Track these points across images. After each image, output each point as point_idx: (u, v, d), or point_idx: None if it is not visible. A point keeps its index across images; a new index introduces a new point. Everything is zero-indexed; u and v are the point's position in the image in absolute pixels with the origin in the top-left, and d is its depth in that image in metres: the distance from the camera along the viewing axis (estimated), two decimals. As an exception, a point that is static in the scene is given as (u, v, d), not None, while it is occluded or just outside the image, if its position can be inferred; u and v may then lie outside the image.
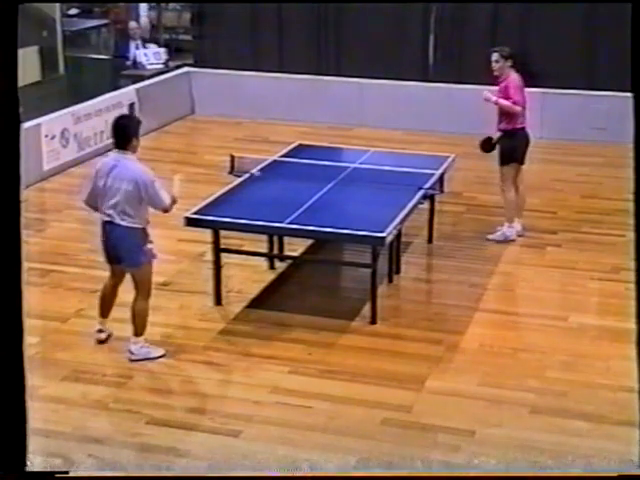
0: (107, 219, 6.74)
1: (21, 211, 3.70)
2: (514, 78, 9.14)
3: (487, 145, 9.33)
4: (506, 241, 9.21)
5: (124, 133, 6.73)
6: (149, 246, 6.80)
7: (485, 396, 6.45)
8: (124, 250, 6.76)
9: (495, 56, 9.13)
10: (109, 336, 7.15)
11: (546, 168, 11.74)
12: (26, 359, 3.56)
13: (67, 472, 5.01)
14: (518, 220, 9.33)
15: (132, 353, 6.87)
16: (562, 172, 11.61)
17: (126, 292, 7.45)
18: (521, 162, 9.28)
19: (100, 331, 7.13)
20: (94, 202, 6.91)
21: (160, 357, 6.91)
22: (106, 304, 7.11)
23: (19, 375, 3.74)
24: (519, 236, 9.29)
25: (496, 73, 9.18)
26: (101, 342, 7.10)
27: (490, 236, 9.27)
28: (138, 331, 6.89)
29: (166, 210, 6.80)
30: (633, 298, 4.23)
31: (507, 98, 9.04)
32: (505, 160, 9.21)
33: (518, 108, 9.03)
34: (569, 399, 6.42)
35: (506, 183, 9.25)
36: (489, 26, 13.23)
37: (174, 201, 6.84)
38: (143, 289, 6.84)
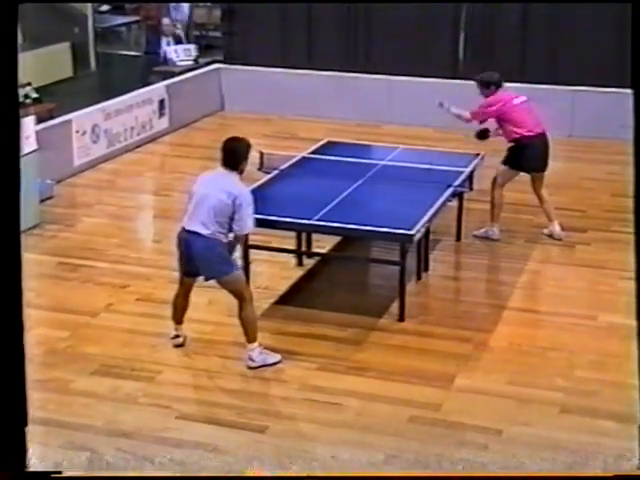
0: (193, 229, 6.59)
1: (20, 211, 3.71)
2: (495, 96, 9.17)
3: (483, 134, 9.41)
4: (492, 240, 9.18)
5: (233, 156, 6.68)
6: (233, 256, 6.82)
7: (513, 395, 6.44)
8: (209, 262, 6.65)
9: (477, 84, 9.27)
10: (185, 339, 7.12)
11: (576, 166, 11.69)
12: (56, 352, 3.58)
13: (60, 472, 5.02)
14: (556, 221, 9.29)
15: (252, 360, 6.75)
16: (592, 170, 11.55)
17: (156, 288, 7.52)
18: (537, 170, 9.29)
19: (176, 336, 7.08)
20: None
21: (277, 363, 6.82)
22: (178, 311, 7.04)
23: (19, 372, 3.75)
24: (558, 239, 9.22)
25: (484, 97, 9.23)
26: (178, 346, 7.05)
27: (477, 232, 9.32)
28: (250, 337, 6.77)
29: (243, 238, 6.83)
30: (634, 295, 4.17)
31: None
32: (508, 162, 9.23)
33: (466, 115, 9.20)
34: (598, 399, 6.39)
35: (498, 181, 9.25)
36: (519, 24, 13.18)
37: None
38: (241, 295, 6.74)
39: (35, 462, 4.91)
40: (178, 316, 7.07)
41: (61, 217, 9.72)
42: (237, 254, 6.97)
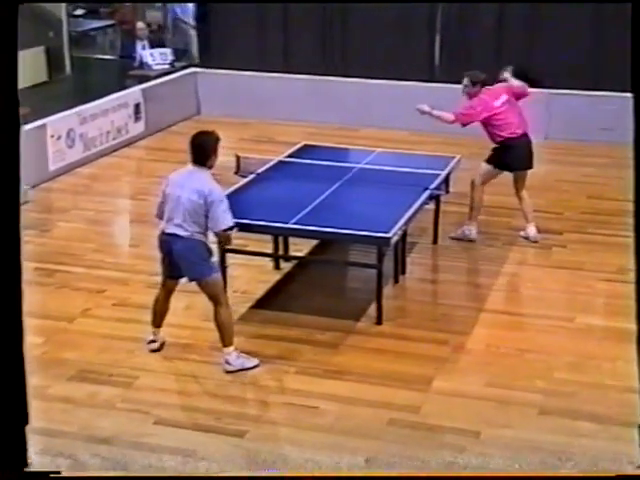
0: (171, 231, 6.58)
1: (20, 211, 3.69)
2: (479, 99, 9.18)
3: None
4: (469, 241, 9.22)
5: (202, 151, 6.62)
6: (213, 258, 6.78)
7: (492, 397, 6.45)
8: (189, 262, 6.63)
9: (465, 81, 9.21)
10: (162, 344, 7.08)
11: (552, 169, 11.73)
12: (33, 358, 3.58)
13: (59, 472, 4.99)
14: (533, 224, 9.32)
15: (229, 364, 6.72)
16: (568, 173, 11.60)
17: (133, 293, 7.48)
18: (522, 168, 9.31)
19: (152, 341, 7.05)
20: (162, 213, 6.78)
21: (255, 367, 6.78)
22: (158, 315, 7.01)
23: (19, 373, 3.74)
24: (534, 242, 9.25)
25: (465, 96, 9.22)
26: (154, 351, 7.01)
27: (452, 234, 9.33)
28: (227, 341, 6.74)
29: (224, 236, 6.66)
30: (633, 298, 4.21)
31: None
32: (493, 162, 9.26)
33: (448, 117, 9.13)
34: (577, 400, 6.41)
35: (478, 181, 9.28)
36: (495, 26, 13.24)
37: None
38: (218, 298, 6.72)
39: (35, 462, 4.89)
40: (158, 320, 7.04)
41: (37, 222, 9.65)
42: (215, 258, 6.92)
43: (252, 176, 8.68)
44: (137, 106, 12.94)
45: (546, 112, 12.87)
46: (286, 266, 8.62)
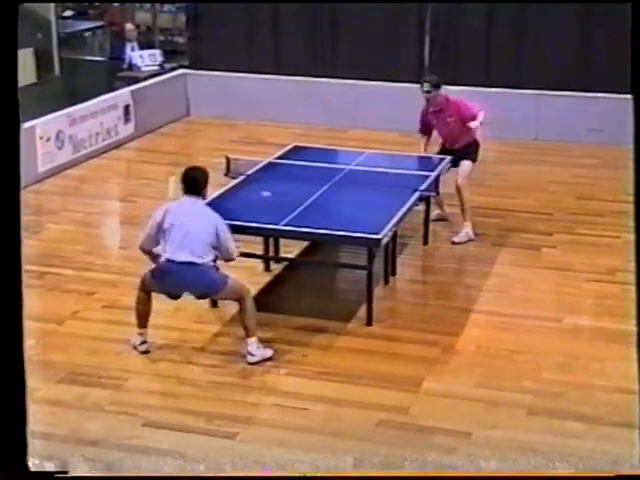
0: (185, 260, 6.71)
1: (21, 212, 3.69)
2: (453, 99, 9.28)
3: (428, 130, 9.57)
4: (470, 241, 9.25)
5: (196, 184, 6.94)
6: (220, 271, 6.95)
7: (481, 398, 6.46)
8: (205, 287, 6.89)
9: (427, 87, 9.20)
10: (148, 345, 7.09)
11: (541, 169, 11.78)
12: (26, 359, 3.59)
13: (66, 472, 5.00)
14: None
15: (252, 355, 6.86)
16: (557, 173, 11.62)
17: (123, 295, 7.48)
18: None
19: (143, 342, 7.05)
20: (152, 245, 6.93)
21: (271, 358, 6.93)
22: (142, 315, 7.03)
23: (19, 375, 3.74)
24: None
25: (429, 101, 9.26)
26: (145, 352, 7.02)
27: (456, 239, 9.28)
28: (250, 332, 6.89)
29: (231, 260, 7.01)
30: (629, 299, 4.23)
31: (465, 116, 9.15)
32: (472, 158, 9.36)
33: (482, 116, 9.13)
34: (565, 400, 6.43)
35: (465, 182, 9.34)
36: (484, 27, 13.26)
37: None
38: (240, 296, 6.92)
39: (36, 462, 4.88)
40: (143, 321, 7.05)
41: (26, 224, 9.48)
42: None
43: (242, 177, 8.68)
44: (126, 108, 12.93)
45: (535, 113, 12.93)
46: (276, 268, 8.62)
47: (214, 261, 6.87)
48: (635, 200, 3.78)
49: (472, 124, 9.10)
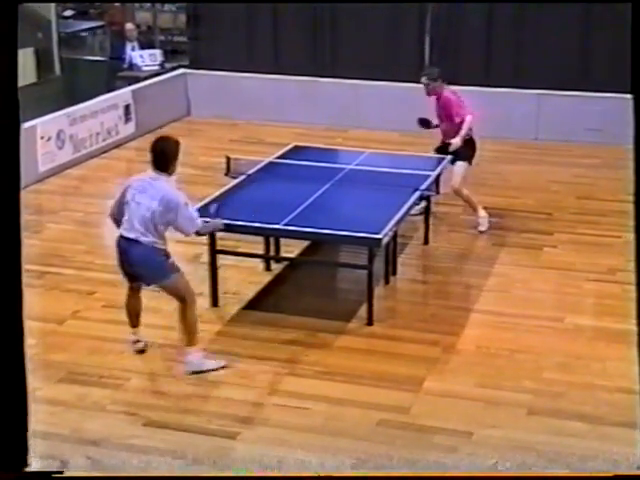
0: (132, 236, 6.56)
1: (21, 212, 3.69)
2: (448, 94, 9.38)
3: (426, 123, 9.70)
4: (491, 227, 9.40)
5: (163, 157, 6.59)
6: (170, 260, 6.70)
7: (482, 397, 6.46)
8: (148, 269, 6.65)
9: (424, 80, 9.37)
10: (146, 344, 7.06)
11: (541, 169, 11.77)
12: (27, 359, 3.60)
13: (62, 472, 5.00)
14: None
15: (190, 364, 6.70)
16: (557, 173, 11.62)
17: (123, 295, 7.44)
18: (470, 163, 9.49)
19: (137, 341, 7.03)
20: (119, 215, 6.74)
21: (221, 368, 6.73)
22: (133, 314, 6.99)
23: (20, 375, 3.74)
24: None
25: (429, 94, 9.42)
26: (141, 351, 7.00)
27: (482, 228, 9.41)
28: (190, 342, 6.71)
29: (200, 233, 6.90)
30: (630, 299, 4.23)
31: (450, 114, 9.29)
32: (467, 158, 9.39)
33: (470, 119, 9.22)
34: (566, 400, 6.42)
35: (461, 183, 9.38)
36: (484, 27, 13.26)
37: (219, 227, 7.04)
38: (182, 297, 6.69)
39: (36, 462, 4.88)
40: (134, 320, 7.02)
41: (26, 224, 9.48)
42: (173, 258, 6.74)
43: (242, 177, 8.68)
44: (127, 107, 12.93)
45: (535, 112, 12.92)
46: (277, 267, 8.62)
47: (163, 242, 6.60)
48: (635, 199, 3.79)
49: (452, 140, 9.22)
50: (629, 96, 3.81)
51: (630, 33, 3.78)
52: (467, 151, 9.39)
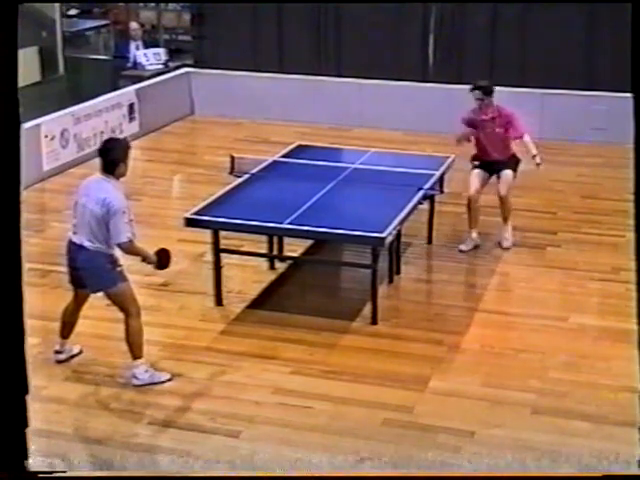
0: (77, 241, 6.41)
1: (21, 211, 3.69)
2: (505, 108, 9.18)
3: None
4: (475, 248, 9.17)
5: (110, 158, 6.40)
6: (118, 269, 6.50)
7: (486, 397, 6.45)
8: (91, 274, 6.45)
9: (478, 94, 9.04)
10: (71, 357, 6.91)
11: (545, 168, 11.66)
12: (28, 358, 3.60)
13: (65, 471, 5.00)
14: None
15: (136, 378, 6.55)
16: (562, 172, 11.61)
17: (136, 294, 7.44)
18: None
19: (58, 352, 6.86)
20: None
21: (167, 381, 6.61)
22: (67, 326, 6.84)
23: (20, 374, 3.74)
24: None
25: (482, 108, 9.08)
26: (60, 362, 6.85)
27: (506, 244, 9.17)
28: (135, 353, 6.53)
29: (126, 248, 6.36)
30: (633, 298, 4.22)
31: (508, 128, 9.11)
32: (515, 168, 9.31)
33: (529, 137, 9.15)
34: (570, 400, 6.42)
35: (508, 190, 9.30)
36: (489, 26, 13.25)
37: (148, 259, 6.54)
38: (126, 308, 6.49)
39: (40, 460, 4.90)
40: (66, 332, 6.83)
41: (30, 223, 9.63)
42: (122, 267, 6.56)
43: (246, 176, 8.68)
44: (131, 106, 12.93)
45: (539, 111, 12.90)
46: (281, 266, 8.62)
47: (108, 247, 6.34)
48: (635, 198, 3.77)
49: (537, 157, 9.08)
50: (633, 95, 3.79)
51: (630, 33, 3.77)
52: (513, 162, 9.30)
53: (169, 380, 6.65)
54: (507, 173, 9.25)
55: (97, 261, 6.36)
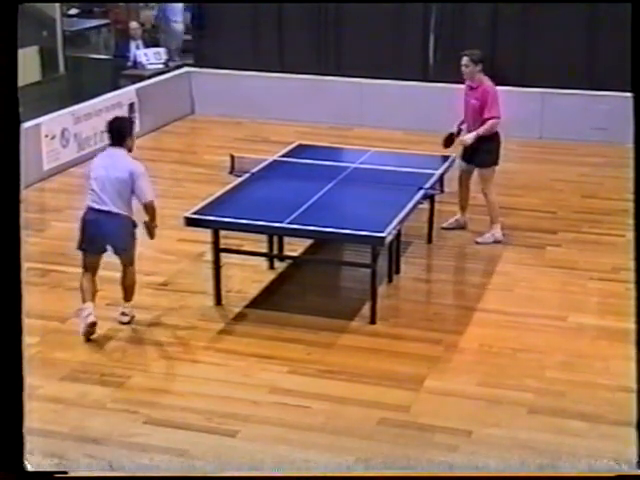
0: (103, 208, 7.02)
1: (21, 211, 3.69)
2: (490, 87, 9.08)
3: (449, 141, 9.35)
4: (496, 242, 9.19)
5: (119, 133, 7.20)
6: (136, 229, 7.23)
7: (484, 396, 6.45)
8: (120, 238, 7.15)
9: (465, 60, 9.06)
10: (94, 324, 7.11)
11: (546, 168, 11.75)
12: (25, 358, 3.60)
13: (66, 472, 5.00)
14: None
15: (126, 315, 7.35)
16: (562, 172, 11.60)
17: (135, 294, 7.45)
18: (497, 163, 9.28)
19: (89, 315, 7.06)
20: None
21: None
22: (88, 292, 7.15)
23: (17, 373, 3.74)
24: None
25: (466, 77, 9.13)
26: (92, 325, 7.07)
27: (479, 239, 9.24)
28: (130, 297, 7.39)
29: (150, 206, 7.11)
30: (633, 298, 4.21)
31: (482, 107, 8.97)
32: (487, 163, 9.19)
33: (497, 122, 8.99)
34: (568, 399, 6.41)
35: (488, 185, 9.24)
36: (489, 26, 13.24)
37: (154, 224, 7.24)
38: (132, 261, 7.27)
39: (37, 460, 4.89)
40: (89, 295, 7.16)
41: (30, 222, 9.62)
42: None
43: (247, 175, 8.67)
44: (131, 106, 12.92)
45: (540, 111, 12.90)
46: (280, 266, 8.62)
47: (131, 211, 7.13)
48: (635, 198, 3.76)
49: (466, 137, 9.05)
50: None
51: (630, 33, 3.76)
52: (486, 149, 9.13)
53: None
54: (481, 170, 9.22)
55: (127, 225, 7.13)
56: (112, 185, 7.02)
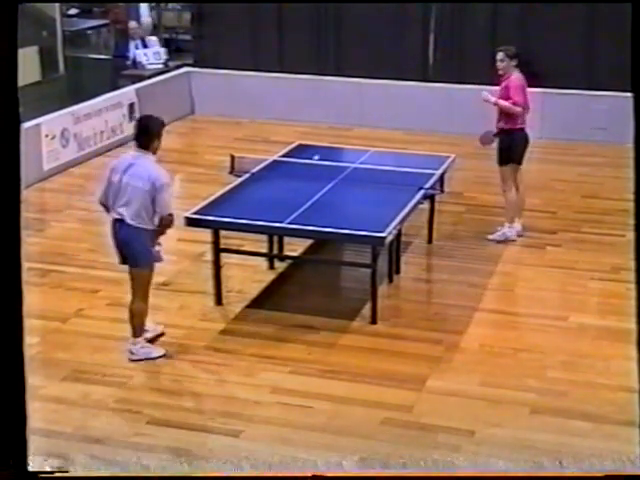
0: (117, 217, 6.65)
1: (21, 211, 3.69)
2: (516, 78, 9.10)
3: (487, 139, 9.29)
4: (506, 241, 9.21)
5: (146, 133, 6.69)
6: (157, 248, 6.76)
7: (485, 396, 6.45)
8: (131, 250, 6.69)
9: (500, 55, 9.11)
10: (157, 336, 7.13)
11: (546, 168, 11.75)
12: (26, 358, 3.61)
13: (67, 471, 5.00)
14: (518, 220, 9.33)
15: (132, 353, 6.84)
16: (562, 172, 11.61)
17: (127, 293, 7.45)
18: (519, 162, 9.24)
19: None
20: (107, 200, 6.79)
21: (161, 357, 6.88)
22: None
23: (19, 374, 3.75)
24: (519, 236, 9.29)
25: (501, 72, 9.16)
26: (148, 340, 7.04)
27: (490, 236, 9.27)
28: (136, 333, 6.86)
29: (168, 219, 6.66)
30: (633, 298, 4.22)
31: (507, 98, 9.00)
32: (504, 160, 9.19)
33: (518, 109, 8.98)
34: (569, 399, 6.42)
35: (507, 183, 9.24)
36: (489, 26, 13.24)
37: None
38: (140, 290, 6.78)
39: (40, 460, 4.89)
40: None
41: (30, 222, 9.62)
42: (158, 247, 6.84)
43: (247, 176, 8.67)
44: (131, 106, 12.92)
45: (540, 111, 12.89)
46: (280, 266, 8.62)
47: (151, 222, 6.62)
48: (635, 198, 3.76)
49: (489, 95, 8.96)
50: (633, 94, 3.79)
51: (630, 33, 3.77)
52: (507, 144, 9.10)
53: (163, 355, 6.86)
54: (499, 168, 9.23)
55: (138, 237, 6.60)
56: (130, 194, 6.56)
